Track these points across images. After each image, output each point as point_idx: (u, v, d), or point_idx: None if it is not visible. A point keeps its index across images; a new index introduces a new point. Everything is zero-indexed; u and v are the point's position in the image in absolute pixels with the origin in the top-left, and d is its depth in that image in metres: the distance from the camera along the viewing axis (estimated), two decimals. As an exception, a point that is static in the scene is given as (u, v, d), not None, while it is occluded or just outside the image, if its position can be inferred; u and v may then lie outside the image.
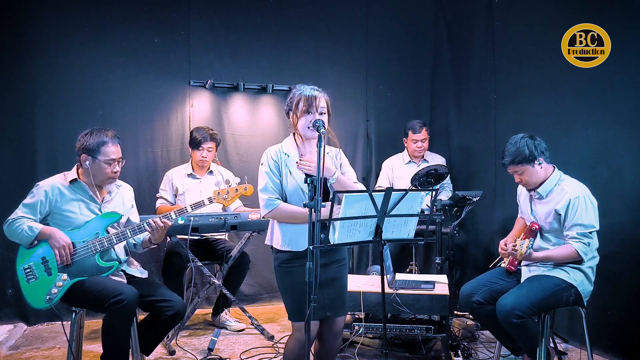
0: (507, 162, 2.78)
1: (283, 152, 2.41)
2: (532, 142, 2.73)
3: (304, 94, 2.37)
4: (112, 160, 2.70)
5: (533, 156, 2.71)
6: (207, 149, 3.94)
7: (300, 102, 2.36)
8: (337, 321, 2.48)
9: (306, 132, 2.36)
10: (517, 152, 2.73)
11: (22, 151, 3.98)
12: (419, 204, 2.23)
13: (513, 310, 2.56)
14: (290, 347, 2.40)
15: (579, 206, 2.65)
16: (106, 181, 2.75)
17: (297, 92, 2.40)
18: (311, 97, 2.35)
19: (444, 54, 4.88)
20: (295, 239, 2.35)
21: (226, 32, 4.53)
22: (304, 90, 2.38)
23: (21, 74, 3.97)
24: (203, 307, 4.18)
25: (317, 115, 2.35)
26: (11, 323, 3.91)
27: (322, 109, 2.37)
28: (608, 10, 3.31)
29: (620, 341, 3.19)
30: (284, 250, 2.37)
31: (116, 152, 2.72)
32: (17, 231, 2.57)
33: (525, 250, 2.57)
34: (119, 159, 2.74)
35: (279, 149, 2.43)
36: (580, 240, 2.64)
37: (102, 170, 2.70)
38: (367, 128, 4.92)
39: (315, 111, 2.35)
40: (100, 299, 2.51)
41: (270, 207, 2.34)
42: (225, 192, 2.93)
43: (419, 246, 4.54)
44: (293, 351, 2.38)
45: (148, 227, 2.69)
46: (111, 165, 2.71)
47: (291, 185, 2.36)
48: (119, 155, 2.74)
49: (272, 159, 2.39)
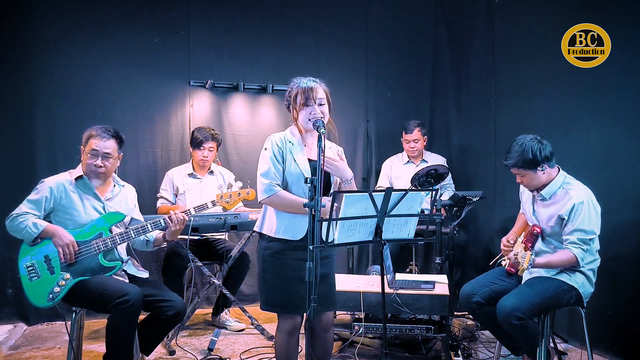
0: (509, 164, 2.75)
1: (287, 140, 2.41)
2: (538, 147, 2.66)
3: (300, 86, 2.38)
4: (94, 151, 2.68)
5: (536, 162, 2.66)
6: (209, 148, 3.94)
7: (298, 95, 2.37)
8: (327, 315, 2.49)
9: (307, 125, 2.37)
10: (521, 157, 2.68)
11: (22, 151, 3.98)
12: (419, 204, 2.23)
13: (513, 311, 2.56)
14: (280, 340, 2.41)
15: (582, 212, 2.62)
16: (90, 174, 2.71)
17: (294, 85, 2.41)
18: (307, 89, 2.35)
19: (444, 54, 4.88)
20: (292, 227, 2.34)
21: (226, 32, 4.54)
22: (300, 82, 2.39)
23: (21, 74, 3.98)
24: (203, 307, 4.19)
25: (317, 106, 2.35)
26: (11, 323, 3.91)
27: (320, 100, 2.37)
28: (608, 10, 3.31)
29: (620, 341, 3.19)
30: (277, 239, 2.36)
31: (101, 146, 2.68)
32: (21, 227, 2.56)
33: (527, 266, 2.57)
34: (104, 154, 2.69)
35: (284, 137, 2.43)
36: (580, 246, 2.62)
37: (85, 161, 2.69)
38: (367, 128, 4.92)
39: (314, 103, 2.35)
40: (104, 298, 2.50)
41: (269, 192, 2.34)
42: (228, 195, 2.93)
43: (419, 246, 4.54)
44: (282, 343, 2.39)
45: (155, 225, 2.69)
46: (93, 158, 2.68)
47: (294, 172, 2.36)
48: (105, 150, 2.69)
49: (277, 144, 2.39)
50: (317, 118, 2.33)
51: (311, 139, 2.46)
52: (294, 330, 2.41)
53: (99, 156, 2.69)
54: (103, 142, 2.70)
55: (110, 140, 2.72)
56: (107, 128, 2.75)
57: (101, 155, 2.69)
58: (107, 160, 2.71)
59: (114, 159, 2.75)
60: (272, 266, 2.38)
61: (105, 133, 2.71)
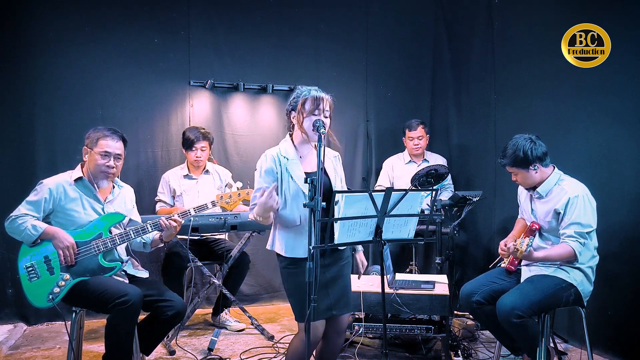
0: (502, 163, 2.81)
1: (282, 156, 2.40)
2: (530, 147, 2.71)
3: (311, 94, 2.38)
4: (106, 152, 2.69)
5: (527, 161, 2.71)
6: (201, 148, 3.92)
7: (307, 103, 2.37)
8: (342, 319, 2.49)
9: (311, 132, 2.36)
10: (513, 156, 2.74)
11: (22, 151, 3.98)
12: (419, 204, 2.24)
13: (513, 310, 2.56)
14: (294, 346, 2.41)
15: (577, 205, 2.65)
16: (99, 175, 2.71)
17: (302, 92, 2.40)
18: (319, 98, 2.37)
19: (444, 54, 4.88)
20: (291, 246, 2.36)
21: (226, 32, 4.54)
22: (310, 91, 2.40)
23: (21, 74, 3.98)
24: (203, 307, 4.19)
25: (322, 117, 2.36)
26: (11, 323, 3.91)
27: (327, 112, 2.39)
28: (608, 10, 3.31)
29: (620, 341, 3.19)
30: (287, 257, 2.38)
31: (113, 147, 2.70)
32: (20, 229, 2.56)
33: (525, 248, 2.57)
34: (116, 155, 2.71)
35: (277, 153, 2.41)
36: (577, 239, 2.64)
37: (95, 162, 2.69)
38: (367, 128, 4.92)
39: (321, 113, 2.37)
40: (104, 299, 2.50)
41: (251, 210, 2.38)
42: (228, 196, 2.92)
43: (419, 246, 4.54)
44: (297, 350, 2.39)
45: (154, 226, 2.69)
46: (105, 159, 2.69)
47: (293, 189, 2.36)
48: (117, 151, 2.72)
49: (269, 164, 2.39)
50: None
51: (307, 151, 2.45)
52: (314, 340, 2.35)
53: (111, 157, 2.70)
54: (114, 142, 2.71)
55: (120, 142, 2.75)
56: (114, 129, 2.76)
57: (113, 156, 2.71)
58: (118, 161, 2.74)
59: (122, 160, 2.78)
60: (287, 277, 2.40)
61: (114, 134, 2.73)
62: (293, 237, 2.36)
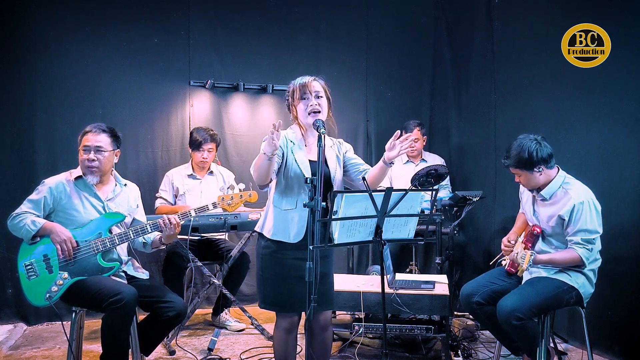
0: (506, 164, 2.78)
1: (289, 140, 2.44)
2: (535, 148, 2.66)
3: (296, 83, 2.45)
4: (86, 147, 2.69)
5: (532, 163, 2.67)
6: (208, 149, 3.93)
7: (295, 91, 2.43)
8: (325, 314, 2.51)
9: (307, 119, 2.39)
10: (517, 157, 2.70)
11: (22, 151, 3.98)
12: (419, 204, 2.24)
13: (513, 312, 2.55)
14: (278, 337, 2.44)
15: (583, 212, 2.62)
16: (85, 171, 2.71)
17: (291, 84, 2.48)
18: (302, 84, 2.42)
19: (444, 54, 4.88)
20: (284, 229, 2.37)
21: (226, 32, 4.54)
22: (296, 80, 2.46)
23: (21, 74, 3.97)
24: (203, 307, 4.19)
25: (314, 98, 2.38)
26: (11, 323, 3.91)
27: (317, 92, 2.41)
28: (608, 10, 3.31)
29: (620, 341, 3.19)
30: (273, 240, 2.39)
31: (92, 140, 2.69)
32: (20, 225, 2.58)
33: (526, 266, 2.57)
34: (95, 147, 2.68)
35: (285, 136, 2.45)
36: (585, 246, 2.62)
37: (80, 159, 2.69)
38: (367, 128, 4.92)
39: (311, 95, 2.40)
40: (99, 298, 2.50)
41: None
42: (229, 197, 2.90)
43: (419, 246, 4.54)
44: (281, 340, 2.43)
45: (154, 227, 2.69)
46: (86, 153, 2.68)
47: (296, 171, 2.38)
48: (96, 144, 2.69)
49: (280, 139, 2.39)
50: (314, 110, 2.37)
51: (312, 138, 2.47)
52: (292, 328, 2.44)
53: (91, 150, 2.69)
54: (94, 136, 2.70)
55: (102, 135, 2.72)
56: (100, 125, 2.76)
57: (93, 149, 2.69)
58: (100, 154, 2.70)
59: (107, 152, 2.72)
60: (270, 265, 2.41)
61: (96, 128, 2.73)
62: (282, 219, 2.38)
